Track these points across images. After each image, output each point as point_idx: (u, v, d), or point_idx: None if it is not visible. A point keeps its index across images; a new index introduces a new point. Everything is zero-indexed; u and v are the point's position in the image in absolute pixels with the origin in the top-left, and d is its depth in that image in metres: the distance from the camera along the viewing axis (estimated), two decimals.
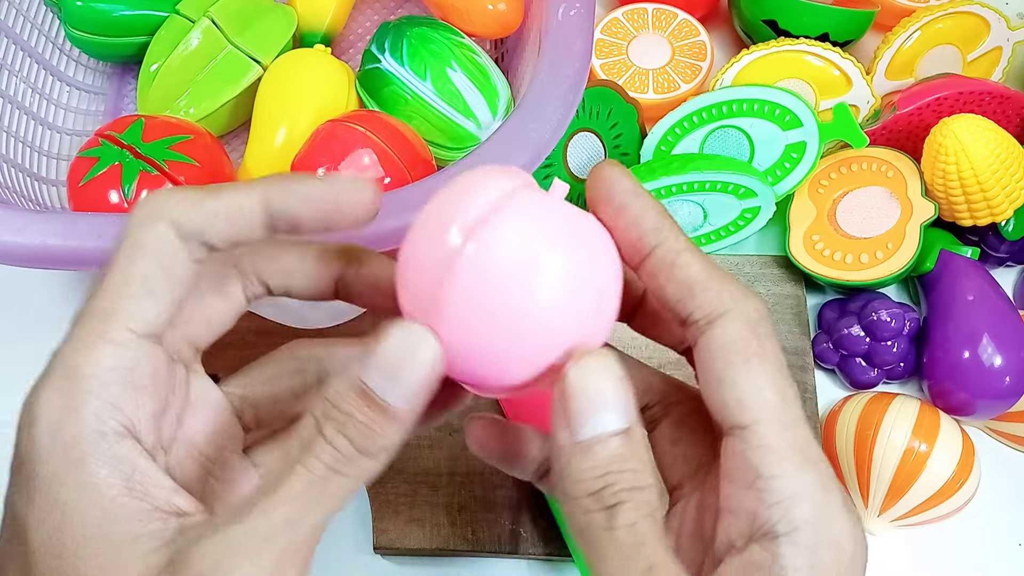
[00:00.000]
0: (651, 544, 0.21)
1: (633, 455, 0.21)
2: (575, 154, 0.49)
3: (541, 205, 0.23)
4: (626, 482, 0.21)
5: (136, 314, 0.22)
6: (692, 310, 0.23)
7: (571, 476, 0.21)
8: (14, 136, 0.49)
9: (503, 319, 0.22)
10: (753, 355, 0.22)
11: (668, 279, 0.23)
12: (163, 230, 0.22)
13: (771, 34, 0.53)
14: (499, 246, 0.21)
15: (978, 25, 0.52)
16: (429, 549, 0.42)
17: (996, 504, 0.45)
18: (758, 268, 0.49)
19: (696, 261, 0.23)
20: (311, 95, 0.48)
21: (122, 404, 0.22)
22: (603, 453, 0.21)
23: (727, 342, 0.22)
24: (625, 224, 0.24)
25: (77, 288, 0.51)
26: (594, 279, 0.23)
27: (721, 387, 0.22)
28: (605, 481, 0.21)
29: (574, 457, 0.21)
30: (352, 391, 0.21)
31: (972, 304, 0.45)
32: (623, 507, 0.21)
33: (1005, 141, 0.45)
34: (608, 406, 0.21)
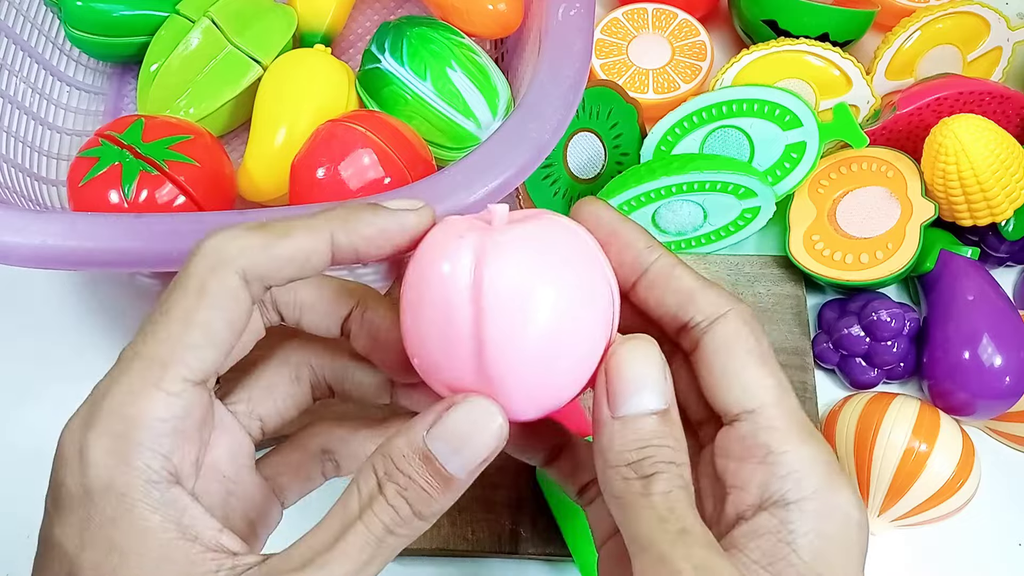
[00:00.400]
0: (684, 510, 0.22)
1: (670, 433, 0.23)
2: (575, 154, 0.49)
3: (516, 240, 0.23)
4: (663, 456, 0.23)
5: (193, 364, 0.22)
6: (693, 314, 0.25)
7: (612, 447, 0.23)
8: (14, 136, 0.49)
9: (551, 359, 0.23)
10: (752, 349, 0.25)
11: (667, 290, 0.26)
12: (230, 278, 0.23)
13: (771, 34, 0.53)
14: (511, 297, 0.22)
15: (978, 25, 0.52)
16: (429, 549, 0.42)
17: (996, 504, 0.45)
18: (758, 268, 0.49)
19: (689, 273, 0.26)
20: (311, 95, 0.48)
21: (171, 453, 0.22)
22: (644, 428, 0.23)
23: (729, 337, 0.25)
24: (619, 248, 0.26)
25: (77, 288, 0.51)
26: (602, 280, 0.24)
27: (726, 377, 0.24)
28: (644, 453, 0.23)
29: (616, 430, 0.23)
30: (416, 455, 0.22)
31: (972, 304, 0.45)
32: (660, 476, 0.22)
33: (1005, 141, 0.45)
34: (650, 386, 0.23)
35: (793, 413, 0.24)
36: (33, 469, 0.46)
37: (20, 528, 0.45)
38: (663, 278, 0.26)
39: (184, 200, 0.43)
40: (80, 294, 0.51)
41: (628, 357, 0.23)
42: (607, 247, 0.26)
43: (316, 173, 0.43)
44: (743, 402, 0.24)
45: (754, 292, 0.48)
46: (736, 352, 0.24)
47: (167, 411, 0.22)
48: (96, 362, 0.48)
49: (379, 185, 0.42)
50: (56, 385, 0.49)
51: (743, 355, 0.24)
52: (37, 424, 0.48)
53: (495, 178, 0.37)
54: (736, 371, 0.24)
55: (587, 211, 0.26)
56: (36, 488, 0.47)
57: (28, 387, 0.49)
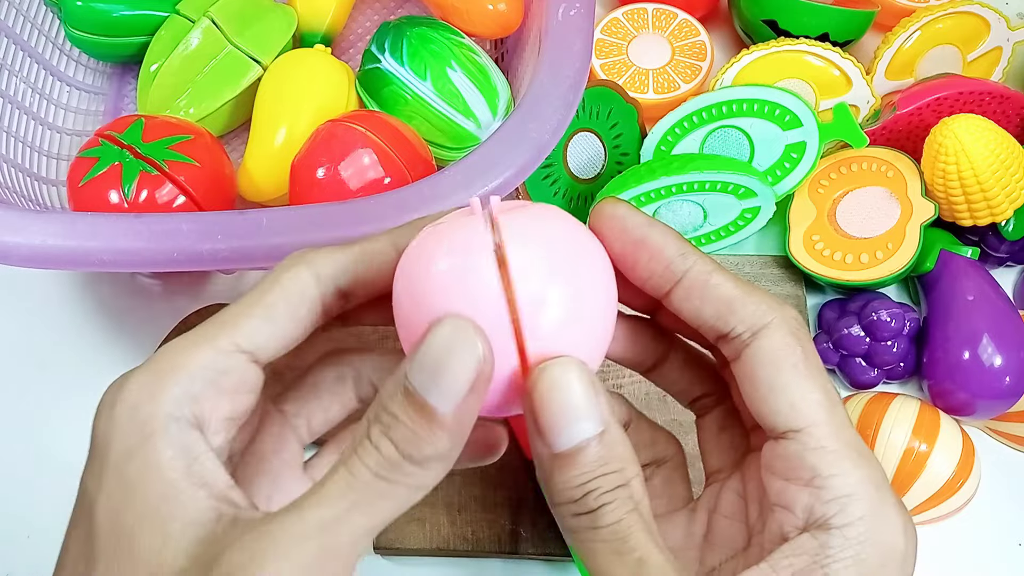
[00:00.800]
0: (637, 537, 0.21)
1: (612, 455, 0.22)
2: (575, 154, 0.49)
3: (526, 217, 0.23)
4: (608, 484, 0.22)
5: (247, 332, 0.23)
6: (734, 324, 0.24)
7: (554, 487, 0.22)
8: (14, 136, 0.49)
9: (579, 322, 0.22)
10: (799, 361, 0.23)
11: (704, 299, 0.24)
12: (303, 272, 0.24)
13: (771, 34, 0.53)
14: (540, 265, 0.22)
15: (978, 25, 0.52)
16: (429, 549, 0.42)
17: (996, 504, 0.45)
18: (758, 268, 0.49)
19: (728, 279, 0.24)
20: (311, 95, 0.48)
21: (201, 399, 0.22)
22: (583, 462, 0.21)
23: (774, 350, 0.23)
24: (648, 257, 0.25)
25: (77, 288, 0.51)
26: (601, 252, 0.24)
27: (772, 393, 0.23)
28: (587, 488, 0.21)
29: (554, 469, 0.22)
30: (399, 391, 0.21)
31: (972, 304, 0.45)
32: (607, 508, 0.21)
33: (1005, 141, 0.45)
34: (580, 414, 0.22)
35: (842, 431, 0.23)
36: (33, 469, 0.46)
37: (20, 528, 0.45)
38: (699, 287, 0.24)
39: (184, 200, 0.43)
40: (80, 294, 0.51)
41: (553, 387, 0.21)
42: (636, 256, 0.25)
43: (316, 173, 0.43)
44: (789, 421, 0.23)
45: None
46: (782, 366, 0.23)
47: (209, 361, 0.23)
48: (96, 362, 0.49)
49: (379, 185, 0.42)
50: (56, 385, 0.49)
51: (789, 369, 0.23)
52: (37, 424, 0.48)
53: (495, 178, 0.37)
54: (782, 387, 0.23)
55: (612, 214, 0.25)
56: (36, 488, 0.47)
57: (28, 387, 0.49)
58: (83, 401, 0.48)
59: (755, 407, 0.24)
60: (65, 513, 0.25)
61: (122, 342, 0.49)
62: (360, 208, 0.37)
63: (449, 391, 0.20)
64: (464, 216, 0.23)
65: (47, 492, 0.46)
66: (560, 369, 0.22)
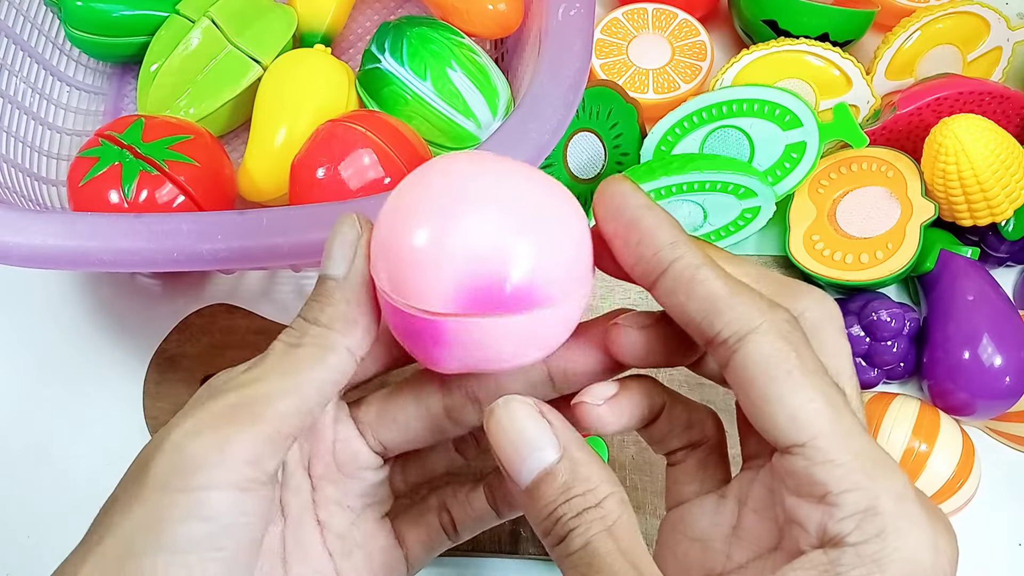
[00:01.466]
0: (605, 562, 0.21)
1: (575, 478, 0.22)
2: (575, 154, 0.49)
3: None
4: (573, 508, 0.21)
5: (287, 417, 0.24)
6: (720, 328, 0.22)
7: (530, 518, 0.23)
8: (14, 136, 0.49)
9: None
10: (794, 368, 0.21)
11: (689, 296, 0.22)
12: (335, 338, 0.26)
13: (771, 34, 0.53)
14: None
15: (978, 25, 0.52)
16: None
17: (996, 504, 0.45)
18: None
19: (716, 275, 0.22)
20: (311, 95, 0.48)
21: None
22: (547, 491, 0.22)
23: (763, 359, 0.21)
24: (638, 239, 0.23)
25: (77, 288, 0.51)
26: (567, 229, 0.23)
27: (768, 406, 0.21)
28: (554, 516, 0.22)
29: (526, 504, 0.22)
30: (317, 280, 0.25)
31: (972, 304, 0.45)
32: (573, 534, 0.21)
33: (1005, 141, 0.45)
34: (534, 445, 0.22)
35: (851, 440, 0.21)
36: (33, 470, 0.46)
37: (20, 528, 0.45)
38: (685, 281, 0.22)
39: (184, 200, 0.43)
40: (80, 294, 0.51)
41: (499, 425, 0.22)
42: (627, 236, 0.23)
43: (316, 173, 0.43)
44: (791, 435, 0.21)
45: None
46: (775, 375, 0.21)
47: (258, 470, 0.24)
48: (96, 362, 0.49)
49: (379, 185, 0.42)
50: (56, 386, 0.49)
51: (783, 378, 0.21)
52: (37, 425, 0.48)
53: None
54: (778, 399, 0.21)
55: (614, 190, 0.24)
56: (36, 488, 0.47)
57: (28, 387, 0.49)
58: (83, 401, 0.49)
59: (753, 421, 0.22)
60: (65, 513, 0.25)
61: (122, 342, 0.49)
62: (360, 208, 0.37)
63: (333, 260, 0.24)
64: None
65: (47, 492, 0.46)
66: (503, 407, 0.22)
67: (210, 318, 0.47)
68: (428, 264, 0.22)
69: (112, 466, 0.45)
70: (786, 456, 0.22)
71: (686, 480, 0.27)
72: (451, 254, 0.22)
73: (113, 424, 0.47)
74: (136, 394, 0.46)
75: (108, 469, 0.45)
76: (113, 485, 0.24)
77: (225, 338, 0.47)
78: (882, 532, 0.21)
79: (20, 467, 0.47)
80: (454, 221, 0.22)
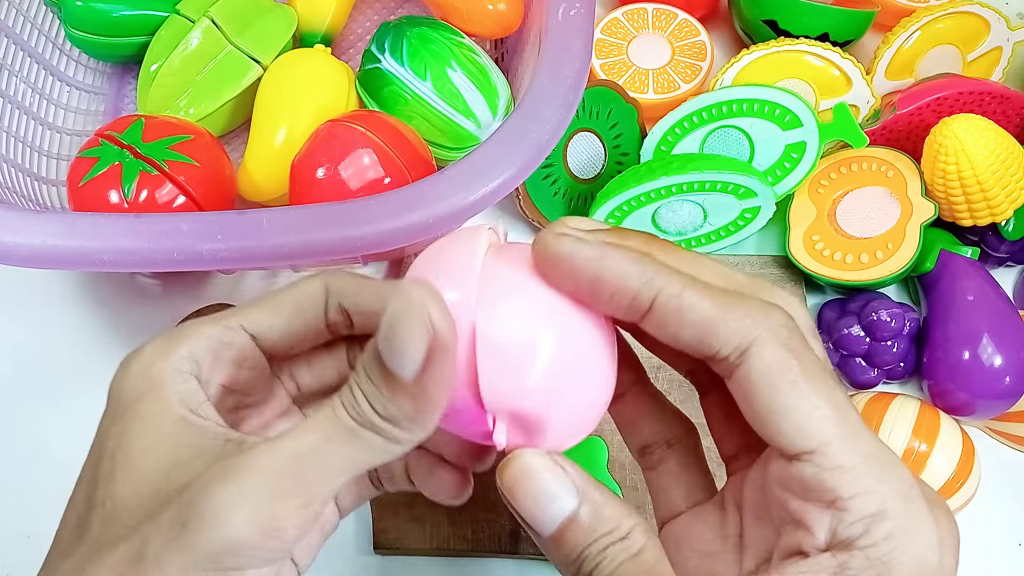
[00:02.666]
0: None
1: (599, 521, 0.22)
2: (575, 154, 0.49)
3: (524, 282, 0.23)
4: (597, 547, 0.22)
5: (252, 317, 0.27)
6: (718, 348, 0.22)
7: (556, 561, 0.23)
8: (14, 136, 0.49)
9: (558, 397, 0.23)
10: (797, 376, 0.21)
11: (680, 325, 0.22)
12: (315, 280, 0.27)
13: (771, 34, 0.53)
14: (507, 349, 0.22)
15: (978, 25, 0.52)
16: (429, 549, 0.42)
17: (996, 504, 0.45)
18: (758, 268, 0.49)
19: (701, 297, 0.22)
20: (311, 95, 0.48)
21: (202, 361, 0.26)
22: (572, 538, 0.22)
23: (766, 368, 0.21)
24: (610, 293, 0.22)
25: (77, 288, 0.51)
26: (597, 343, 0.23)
27: (774, 416, 0.22)
28: (580, 559, 0.22)
29: (550, 550, 0.23)
30: (372, 350, 0.21)
31: (972, 304, 0.45)
32: (601, 566, 0.22)
33: (1005, 141, 0.45)
34: (553, 495, 0.22)
35: (858, 444, 0.21)
36: (33, 469, 0.46)
37: (20, 528, 0.45)
38: (672, 313, 0.22)
39: (184, 200, 0.43)
40: (80, 294, 0.51)
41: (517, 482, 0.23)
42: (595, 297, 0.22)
43: (316, 173, 0.43)
44: (799, 443, 0.21)
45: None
46: (779, 386, 0.21)
47: (215, 333, 0.26)
48: (96, 362, 0.49)
49: (379, 185, 0.42)
50: (56, 385, 0.49)
51: (787, 388, 0.21)
52: (37, 424, 0.48)
53: (495, 178, 0.37)
54: (783, 409, 0.21)
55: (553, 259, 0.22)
56: (36, 488, 0.47)
57: (28, 387, 0.49)
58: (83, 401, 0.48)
59: (760, 431, 0.22)
60: None
61: (122, 342, 0.49)
62: (360, 208, 0.37)
63: (404, 358, 0.20)
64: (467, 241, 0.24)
65: (47, 492, 0.46)
66: (517, 461, 0.23)
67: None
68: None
69: None
70: (793, 463, 0.22)
71: (671, 484, 0.28)
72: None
73: None
74: None
75: None
76: None
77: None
78: (891, 535, 0.21)
79: (20, 467, 0.47)
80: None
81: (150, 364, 0.25)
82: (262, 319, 0.27)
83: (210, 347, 0.26)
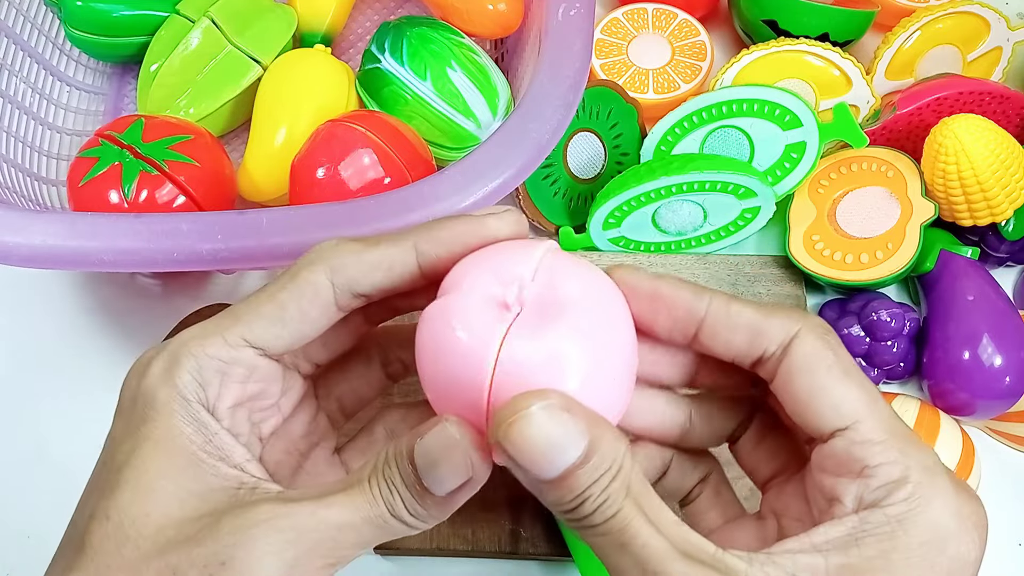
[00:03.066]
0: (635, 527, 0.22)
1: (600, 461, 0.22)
2: (575, 154, 0.49)
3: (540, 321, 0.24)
4: (599, 487, 0.22)
5: (257, 331, 0.25)
6: (765, 345, 0.25)
7: (552, 505, 0.23)
8: (14, 136, 0.49)
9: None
10: (833, 363, 0.24)
11: (731, 330, 0.25)
12: (318, 272, 0.25)
13: (771, 34, 0.53)
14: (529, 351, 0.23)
15: (978, 25, 0.52)
16: (429, 549, 0.42)
17: (996, 504, 0.45)
18: (758, 268, 0.49)
19: (746, 306, 0.25)
20: (311, 95, 0.48)
21: (207, 385, 0.25)
22: (576, 482, 0.22)
23: (807, 357, 0.24)
24: (667, 308, 0.26)
25: (77, 288, 0.51)
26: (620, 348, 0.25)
27: (813, 398, 0.24)
28: (582, 498, 0.22)
29: (548, 492, 0.22)
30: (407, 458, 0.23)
31: (972, 304, 0.45)
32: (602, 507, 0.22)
33: (1005, 141, 0.45)
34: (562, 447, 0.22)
35: (886, 422, 0.24)
36: (33, 469, 0.46)
37: (20, 528, 0.45)
38: (722, 320, 0.25)
39: (184, 200, 0.43)
40: (80, 294, 0.51)
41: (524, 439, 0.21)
42: (654, 313, 0.26)
43: (316, 173, 0.43)
44: (834, 421, 0.24)
45: (754, 292, 0.48)
46: (817, 371, 0.24)
47: (216, 352, 0.25)
48: (96, 362, 0.49)
49: (379, 185, 0.42)
50: (56, 385, 0.49)
51: (824, 372, 0.24)
52: (36, 424, 0.48)
53: (495, 178, 0.37)
54: (821, 390, 0.24)
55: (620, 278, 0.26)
56: (36, 488, 0.47)
57: (28, 387, 0.49)
58: (83, 401, 0.49)
59: (799, 416, 0.24)
60: (65, 513, 0.25)
61: (122, 342, 0.49)
62: (360, 208, 0.37)
63: (440, 484, 0.23)
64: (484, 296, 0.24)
65: (47, 492, 0.46)
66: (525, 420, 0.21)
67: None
68: None
69: None
70: (828, 443, 0.24)
71: (706, 508, 0.29)
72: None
73: None
74: None
75: None
76: None
77: None
78: (909, 497, 0.23)
79: (20, 467, 0.47)
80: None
81: (155, 389, 0.24)
82: (266, 330, 0.25)
83: (216, 369, 0.25)
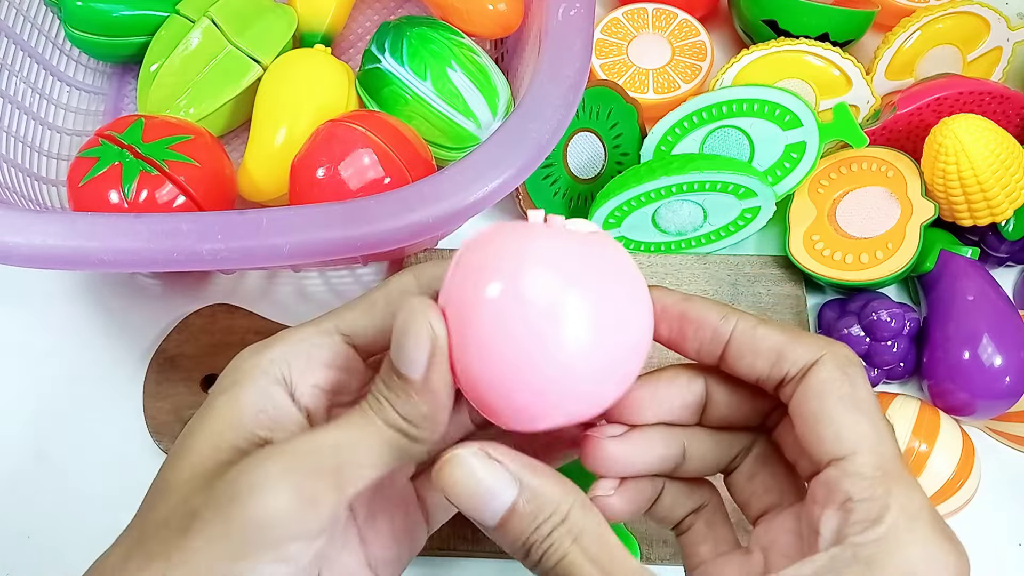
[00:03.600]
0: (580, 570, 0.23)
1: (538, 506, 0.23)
2: (575, 154, 0.49)
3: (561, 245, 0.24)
4: (543, 532, 0.23)
5: (347, 318, 0.28)
6: (787, 368, 0.25)
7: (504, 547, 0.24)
8: (14, 136, 0.49)
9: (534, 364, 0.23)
10: (847, 394, 0.24)
11: (755, 353, 0.26)
12: (405, 275, 0.28)
13: (771, 34, 0.53)
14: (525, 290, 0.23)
15: (978, 25, 0.52)
16: (429, 549, 0.42)
17: (996, 504, 0.45)
18: (758, 268, 0.49)
19: (773, 329, 0.26)
20: (311, 95, 0.48)
21: (292, 363, 0.26)
22: (515, 527, 0.23)
23: (823, 383, 0.24)
24: (694, 328, 0.26)
25: (77, 288, 0.51)
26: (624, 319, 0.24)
27: (818, 423, 0.24)
28: (526, 545, 0.23)
29: (496, 537, 0.24)
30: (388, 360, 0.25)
31: (972, 304, 0.45)
32: (547, 555, 0.23)
33: (1005, 141, 0.45)
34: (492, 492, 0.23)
35: (883, 459, 0.23)
36: (33, 469, 0.46)
37: (20, 528, 0.45)
38: (748, 342, 0.26)
39: (184, 200, 0.43)
40: (80, 294, 0.51)
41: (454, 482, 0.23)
42: (683, 330, 0.27)
43: (316, 173, 0.43)
44: (834, 449, 0.24)
45: (754, 292, 0.48)
46: (828, 398, 0.24)
47: (308, 335, 0.27)
48: (96, 362, 0.49)
49: (379, 185, 0.42)
50: (56, 385, 0.49)
51: (835, 401, 0.24)
52: (37, 424, 0.48)
53: (495, 178, 0.37)
54: (828, 417, 0.24)
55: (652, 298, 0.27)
56: (36, 488, 0.47)
57: (28, 387, 0.49)
58: (83, 401, 0.49)
59: (804, 442, 0.25)
60: (65, 513, 0.25)
61: (122, 342, 0.49)
62: (360, 208, 0.37)
63: (410, 362, 0.24)
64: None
65: (47, 492, 0.46)
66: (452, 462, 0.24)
67: (210, 318, 0.47)
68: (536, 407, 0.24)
69: (112, 466, 0.45)
70: (823, 471, 0.24)
71: (699, 540, 0.29)
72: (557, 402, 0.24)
73: (113, 424, 0.47)
74: (136, 394, 0.46)
75: (108, 469, 0.45)
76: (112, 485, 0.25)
77: (225, 338, 0.47)
78: (882, 539, 0.22)
79: (20, 467, 0.47)
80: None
81: (240, 362, 0.26)
82: (355, 319, 0.27)
83: (303, 350, 0.27)
